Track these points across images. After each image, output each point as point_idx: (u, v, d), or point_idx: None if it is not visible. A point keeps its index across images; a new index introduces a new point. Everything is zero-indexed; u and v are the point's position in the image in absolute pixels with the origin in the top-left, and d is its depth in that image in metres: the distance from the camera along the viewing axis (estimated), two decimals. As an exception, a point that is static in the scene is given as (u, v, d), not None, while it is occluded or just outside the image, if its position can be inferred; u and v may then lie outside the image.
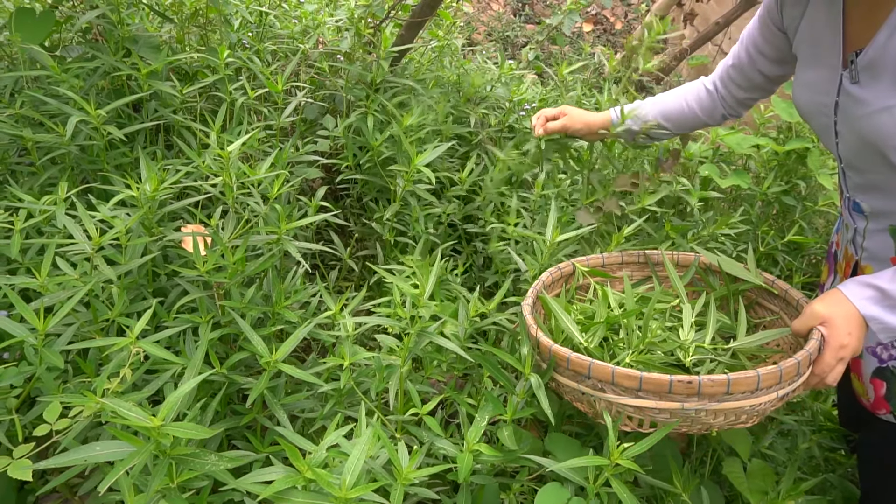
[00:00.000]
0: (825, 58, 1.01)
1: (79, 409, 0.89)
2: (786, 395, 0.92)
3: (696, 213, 1.61)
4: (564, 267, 1.22)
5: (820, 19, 1.03)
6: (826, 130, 1.05)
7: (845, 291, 0.94)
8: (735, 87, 1.28)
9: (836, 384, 0.95)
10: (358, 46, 1.70)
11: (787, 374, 0.88)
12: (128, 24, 1.49)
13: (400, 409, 1.05)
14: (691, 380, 0.85)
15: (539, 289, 1.14)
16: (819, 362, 0.93)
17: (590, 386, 0.93)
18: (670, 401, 0.87)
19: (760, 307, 1.20)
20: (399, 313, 1.09)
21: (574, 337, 1.05)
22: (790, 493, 1.07)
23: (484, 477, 0.99)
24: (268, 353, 0.97)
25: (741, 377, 0.85)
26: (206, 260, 1.08)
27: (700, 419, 0.89)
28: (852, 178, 1.06)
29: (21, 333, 0.91)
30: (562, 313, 1.07)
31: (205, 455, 0.74)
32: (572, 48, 3.87)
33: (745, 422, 0.91)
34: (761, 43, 1.18)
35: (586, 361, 0.91)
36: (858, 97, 0.95)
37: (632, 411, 0.90)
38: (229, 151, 1.15)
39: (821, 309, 0.94)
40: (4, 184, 1.30)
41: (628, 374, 0.87)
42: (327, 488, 0.70)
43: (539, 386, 0.95)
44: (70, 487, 1.05)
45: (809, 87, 1.06)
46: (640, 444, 0.84)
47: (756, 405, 0.88)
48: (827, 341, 0.93)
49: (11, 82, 1.41)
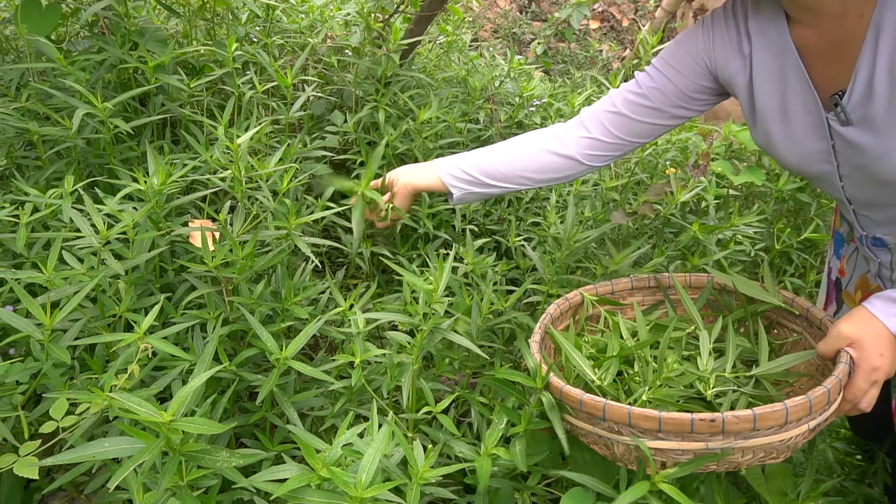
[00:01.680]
0: (798, 104, 0.95)
1: (86, 405, 0.87)
2: (818, 426, 0.85)
3: (711, 210, 1.59)
4: (572, 297, 1.15)
5: (773, 69, 0.96)
6: (827, 176, 0.98)
7: (872, 310, 0.88)
8: (614, 127, 1.10)
9: (870, 409, 0.89)
10: (367, 41, 1.68)
11: (818, 403, 0.81)
12: (134, 16, 1.47)
13: (411, 407, 1.03)
14: (714, 417, 0.79)
15: (546, 322, 1.07)
16: (850, 387, 0.87)
17: (605, 428, 0.86)
18: (693, 441, 0.81)
19: (781, 327, 1.13)
20: (410, 310, 1.07)
21: (586, 374, 0.99)
22: (809, 495, 1.05)
23: (499, 480, 0.97)
24: (277, 349, 0.95)
25: (768, 411, 0.79)
26: (215, 255, 1.06)
27: (727, 459, 0.83)
28: (869, 216, 1.00)
29: (27, 329, 0.90)
30: (571, 350, 1.01)
31: (216, 452, 0.72)
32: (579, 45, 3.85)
33: (775, 458, 0.85)
34: (679, 83, 1.05)
35: (600, 403, 0.84)
36: (859, 141, 0.89)
37: (652, 454, 0.84)
38: (238, 144, 1.13)
39: (848, 329, 0.88)
40: (10, 178, 1.28)
41: (646, 415, 0.81)
42: (343, 487, 0.68)
43: (552, 407, 0.91)
44: (76, 486, 1.03)
45: (791, 139, 0.98)
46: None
47: (786, 440, 0.82)
48: (857, 364, 0.87)
49: (18, 75, 1.39)
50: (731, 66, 1.01)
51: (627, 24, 4.47)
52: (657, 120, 1.09)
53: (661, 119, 1.09)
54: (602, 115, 1.11)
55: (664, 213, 1.42)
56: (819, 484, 1.06)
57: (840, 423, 1.42)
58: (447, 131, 1.73)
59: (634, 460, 0.88)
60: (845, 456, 1.39)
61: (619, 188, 1.63)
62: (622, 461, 0.90)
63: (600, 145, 1.12)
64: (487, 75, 1.94)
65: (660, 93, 1.06)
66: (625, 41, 4.29)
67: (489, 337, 1.21)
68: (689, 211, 1.67)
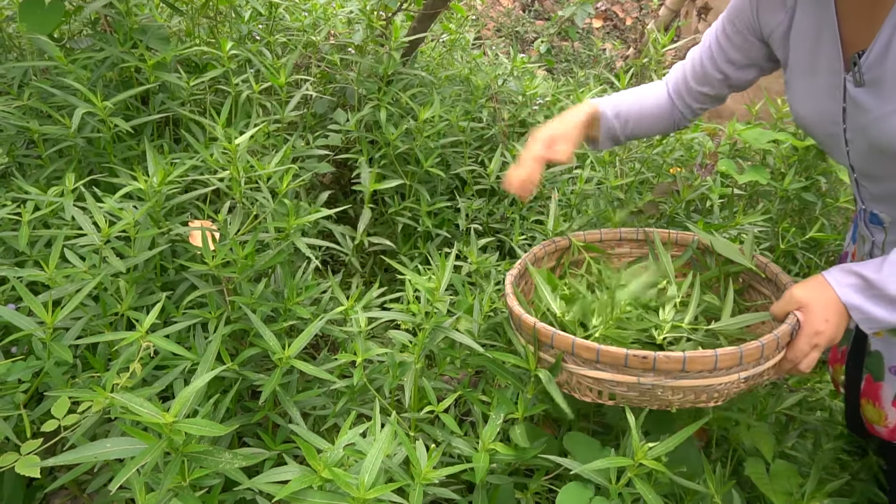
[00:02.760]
0: (824, 63, 0.95)
1: (88, 404, 0.87)
2: (751, 377, 0.90)
3: (715, 209, 1.58)
4: (560, 240, 1.21)
5: (810, 23, 0.97)
6: (835, 139, 0.99)
7: (828, 277, 0.92)
8: (691, 94, 1.18)
9: (809, 371, 0.93)
10: (370, 39, 1.68)
11: (749, 356, 0.86)
12: (136, 14, 1.47)
13: (414, 406, 1.03)
14: (646, 355, 0.85)
15: (529, 259, 1.14)
16: (792, 347, 0.91)
17: (552, 356, 0.94)
18: (626, 374, 0.87)
19: (755, 291, 1.18)
20: (413, 309, 1.07)
21: (550, 308, 1.05)
22: (815, 495, 1.04)
23: (499, 476, 0.97)
24: (280, 348, 0.95)
25: (697, 355, 0.84)
26: (215, 254, 1.05)
27: (657, 395, 0.89)
28: (868, 188, 1.01)
29: (29, 327, 0.89)
30: (543, 284, 1.07)
31: (218, 453, 0.72)
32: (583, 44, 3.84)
33: (705, 401, 0.90)
34: (730, 49, 1.10)
35: (549, 331, 0.91)
36: (864, 102, 0.90)
37: (591, 382, 0.91)
38: (237, 145, 1.13)
39: (800, 293, 0.92)
40: (11, 176, 1.28)
41: (587, 346, 0.88)
42: (345, 489, 0.68)
43: (549, 381, 0.94)
44: (79, 484, 1.03)
45: (811, 96, 0.99)
46: (665, 444, 0.81)
47: (715, 385, 0.87)
48: (802, 326, 0.91)
49: (20, 74, 1.39)
50: (774, 19, 1.02)
51: (631, 23, 4.46)
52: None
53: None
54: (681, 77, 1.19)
55: (669, 212, 1.41)
56: (824, 483, 1.05)
57: (843, 419, 1.41)
58: (449, 130, 1.72)
59: (574, 387, 0.94)
60: (848, 455, 1.38)
61: (623, 187, 1.63)
62: (572, 389, 0.95)
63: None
64: (490, 74, 1.93)
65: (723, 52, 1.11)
66: (628, 40, 4.28)
67: (492, 336, 1.20)
68: (694, 210, 1.67)
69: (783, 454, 1.22)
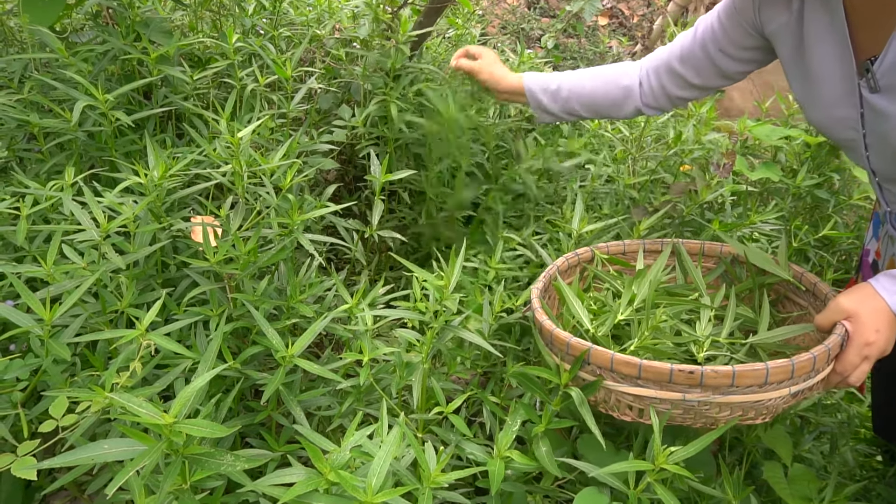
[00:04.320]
0: (837, 69, 0.93)
1: (86, 403, 0.84)
2: (800, 392, 0.85)
3: (727, 207, 1.55)
4: (582, 253, 1.17)
5: (820, 27, 0.94)
6: (854, 144, 0.96)
7: (876, 286, 0.87)
8: (675, 82, 1.16)
9: (859, 384, 0.89)
10: (376, 33, 1.65)
11: (800, 369, 0.82)
12: (139, 7, 1.44)
13: (422, 407, 1.00)
14: (693, 370, 0.80)
15: (553, 273, 1.09)
16: (841, 360, 0.87)
17: (589, 372, 0.89)
18: (671, 391, 0.82)
19: (789, 302, 1.13)
20: (420, 307, 1.04)
21: (582, 323, 1.01)
22: (835, 500, 1.01)
23: (513, 484, 0.93)
24: (283, 347, 0.92)
25: (747, 370, 0.80)
26: (217, 250, 1.03)
27: (703, 413, 0.84)
28: (892, 190, 0.98)
29: (27, 324, 0.87)
30: (572, 298, 1.02)
31: (220, 454, 0.69)
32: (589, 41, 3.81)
33: (753, 418, 0.86)
34: (724, 39, 1.07)
35: (586, 346, 0.86)
36: (883, 108, 0.87)
37: (631, 400, 0.86)
38: (239, 138, 1.10)
39: (846, 303, 0.88)
40: (11, 170, 1.26)
41: (627, 361, 0.83)
42: (352, 492, 0.65)
43: (582, 402, 0.89)
44: (78, 485, 1.01)
45: (825, 103, 0.97)
46: (686, 449, 0.78)
47: (764, 401, 0.83)
48: (851, 337, 0.86)
49: (21, 67, 1.37)
50: (777, 19, 0.99)
51: (637, 21, 4.43)
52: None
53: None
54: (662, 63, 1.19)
55: (687, 212, 1.38)
56: (843, 487, 1.02)
57: (860, 423, 1.38)
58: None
59: (612, 406, 0.89)
60: (865, 457, 1.35)
61: (637, 185, 1.60)
62: (609, 408, 0.91)
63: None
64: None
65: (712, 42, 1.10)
66: (635, 37, 4.24)
67: (501, 336, 1.17)
68: (707, 208, 1.64)
69: (799, 457, 1.19)
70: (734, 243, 1.15)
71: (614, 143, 1.79)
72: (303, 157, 1.46)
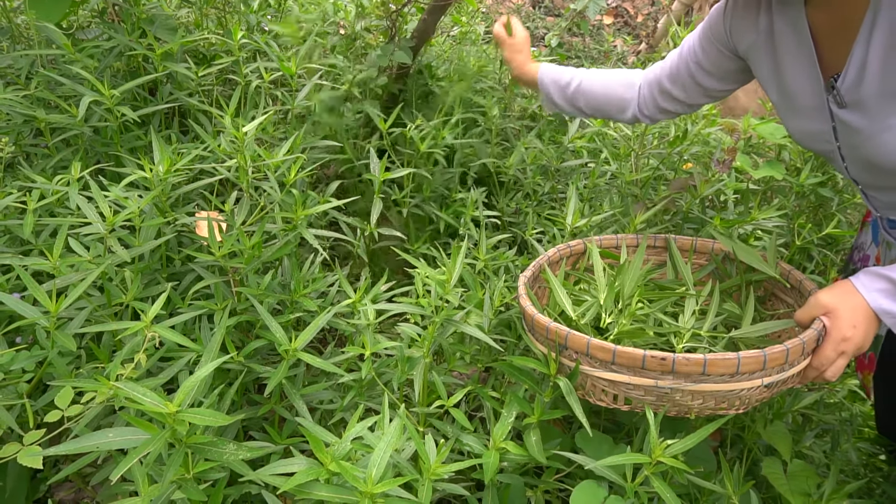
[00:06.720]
0: (806, 85, 0.95)
1: (91, 394, 0.85)
2: (774, 384, 0.86)
3: (730, 205, 1.55)
4: (575, 244, 1.18)
5: (790, 45, 0.95)
6: (832, 156, 0.98)
7: (856, 283, 0.88)
8: (664, 97, 1.20)
9: (835, 379, 0.90)
10: (380, 31, 1.66)
11: (773, 360, 0.82)
12: (145, 4, 1.45)
13: (423, 401, 1.00)
14: (665, 356, 0.81)
15: (542, 263, 1.11)
16: (818, 354, 0.88)
17: (567, 357, 0.91)
18: (643, 377, 0.84)
19: (777, 299, 1.14)
20: (422, 302, 1.05)
21: (566, 310, 1.03)
22: (833, 497, 1.01)
23: (510, 476, 0.94)
24: (287, 340, 0.93)
25: (719, 358, 0.81)
26: (222, 245, 1.04)
27: (676, 400, 0.85)
28: (878, 198, 0.99)
29: (33, 316, 0.88)
30: (558, 286, 1.04)
31: (223, 444, 0.70)
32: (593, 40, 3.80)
33: (726, 409, 0.87)
34: (704, 60, 1.10)
35: (564, 331, 0.88)
36: (852, 122, 0.89)
37: (606, 385, 0.88)
38: (245, 133, 1.11)
39: (825, 299, 0.89)
40: (18, 165, 1.27)
41: (602, 346, 0.85)
42: (352, 482, 0.66)
43: (569, 392, 0.90)
44: (83, 477, 1.02)
45: (799, 118, 0.99)
46: (683, 442, 0.79)
47: (737, 391, 0.83)
48: (828, 332, 0.87)
49: (28, 63, 1.38)
50: (746, 39, 1.01)
51: (641, 20, 4.42)
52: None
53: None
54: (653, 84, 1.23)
55: (686, 208, 1.39)
56: (843, 484, 1.02)
57: (864, 422, 1.38)
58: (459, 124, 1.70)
59: (588, 390, 0.91)
60: (869, 457, 1.35)
61: (638, 182, 1.60)
62: (586, 393, 0.92)
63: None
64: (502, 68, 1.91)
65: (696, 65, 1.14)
66: (640, 35, 4.23)
67: (501, 331, 1.18)
68: (709, 205, 1.64)
69: (799, 454, 1.19)
70: (724, 239, 1.16)
71: (617, 140, 1.80)
72: (307, 152, 1.47)
